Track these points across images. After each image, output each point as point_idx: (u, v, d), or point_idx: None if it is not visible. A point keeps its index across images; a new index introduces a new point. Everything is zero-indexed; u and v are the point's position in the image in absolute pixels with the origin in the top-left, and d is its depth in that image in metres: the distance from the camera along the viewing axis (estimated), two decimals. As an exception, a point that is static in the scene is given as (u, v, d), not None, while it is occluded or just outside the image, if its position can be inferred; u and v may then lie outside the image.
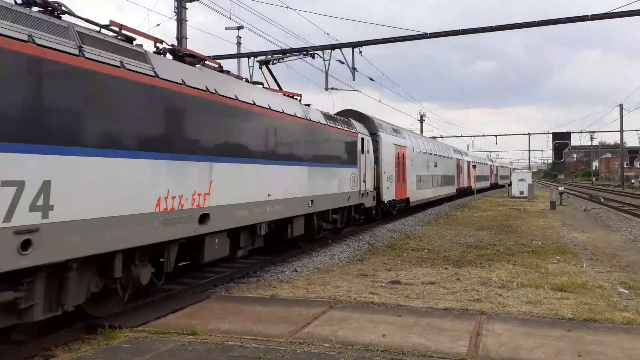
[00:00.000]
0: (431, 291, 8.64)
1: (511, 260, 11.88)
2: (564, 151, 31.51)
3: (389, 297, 8.16)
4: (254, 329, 6.36)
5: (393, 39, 19.05)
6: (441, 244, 14.89)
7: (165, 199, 7.22)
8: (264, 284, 9.58)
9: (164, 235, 7.24)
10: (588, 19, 16.39)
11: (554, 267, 10.85)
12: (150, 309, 7.62)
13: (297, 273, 10.72)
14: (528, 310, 7.30)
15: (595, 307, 7.41)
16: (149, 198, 6.93)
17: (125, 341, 5.97)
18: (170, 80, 7.44)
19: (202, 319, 6.90)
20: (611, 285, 9.07)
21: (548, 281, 9.25)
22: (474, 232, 17.88)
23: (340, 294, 8.33)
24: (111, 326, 6.46)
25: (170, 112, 7.47)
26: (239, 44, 22.67)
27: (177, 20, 16.97)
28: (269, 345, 5.74)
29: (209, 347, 5.72)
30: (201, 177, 8.06)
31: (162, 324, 6.71)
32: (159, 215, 7.08)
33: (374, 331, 6.25)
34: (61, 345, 6.29)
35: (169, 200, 7.28)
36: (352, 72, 20.22)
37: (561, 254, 12.61)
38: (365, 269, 10.97)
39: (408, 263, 11.73)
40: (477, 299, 7.97)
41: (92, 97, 6.10)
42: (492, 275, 9.97)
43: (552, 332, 6.20)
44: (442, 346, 5.70)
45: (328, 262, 12.10)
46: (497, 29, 17.38)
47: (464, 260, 11.92)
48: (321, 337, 5.99)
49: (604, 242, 15.24)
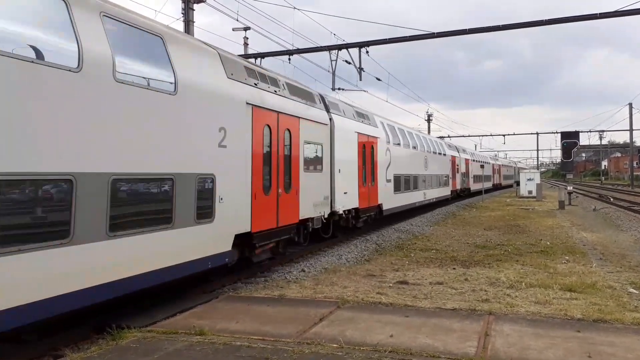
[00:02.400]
0: (439, 291, 8.61)
1: (520, 260, 11.82)
2: (572, 150, 31.22)
3: (397, 297, 8.14)
4: (261, 329, 6.37)
5: (400, 39, 19.04)
6: (449, 244, 14.84)
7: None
8: (272, 284, 9.60)
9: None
10: (597, 17, 16.29)
11: (563, 267, 10.77)
12: (158, 308, 7.65)
13: (304, 273, 10.72)
14: (537, 310, 7.25)
15: (605, 308, 7.35)
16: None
17: (134, 341, 5.99)
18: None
19: (210, 319, 6.92)
20: (621, 286, 9.00)
21: (557, 281, 9.19)
22: (482, 232, 17.80)
23: (348, 294, 8.32)
24: (119, 326, 6.49)
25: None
26: (246, 45, 22.70)
27: (185, 21, 17.02)
28: (277, 346, 5.74)
29: (216, 347, 5.73)
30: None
31: (170, 324, 6.73)
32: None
33: (381, 332, 6.23)
34: (70, 345, 6.33)
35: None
36: (359, 72, 20.23)
37: (570, 254, 12.53)
38: (372, 269, 10.95)
39: (416, 263, 11.70)
40: (485, 300, 7.94)
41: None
42: (500, 275, 9.92)
43: (562, 333, 6.16)
44: (451, 347, 5.67)
45: (335, 263, 12.10)
46: (504, 28, 17.33)
47: (472, 261, 11.87)
48: (329, 338, 5.99)
49: (614, 242, 15.11)
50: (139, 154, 6.79)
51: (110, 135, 6.32)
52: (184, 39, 8.58)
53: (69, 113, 5.79)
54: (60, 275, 5.60)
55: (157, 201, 7.22)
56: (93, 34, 6.19)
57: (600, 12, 16.10)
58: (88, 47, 6.02)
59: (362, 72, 20.12)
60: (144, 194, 6.99)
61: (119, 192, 6.45)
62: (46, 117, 5.53)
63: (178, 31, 8.91)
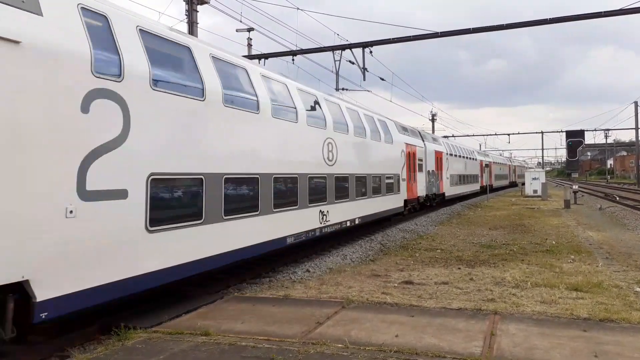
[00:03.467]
0: (444, 291, 8.59)
1: (525, 259, 11.78)
2: (578, 149, 31.10)
3: (402, 297, 8.13)
4: (267, 330, 6.38)
5: (404, 39, 19.02)
6: (454, 244, 14.81)
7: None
8: (277, 284, 9.61)
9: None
10: (601, 16, 16.22)
11: (569, 267, 10.73)
12: (164, 309, 7.68)
13: (309, 273, 10.73)
14: (543, 310, 7.23)
15: (612, 307, 7.32)
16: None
17: (140, 342, 6.02)
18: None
19: (215, 319, 6.93)
20: (627, 285, 8.95)
21: (563, 281, 9.15)
22: (487, 232, 17.75)
23: (353, 294, 8.31)
24: (126, 327, 6.51)
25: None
26: (249, 46, 22.74)
27: (188, 23, 17.06)
28: (282, 346, 5.74)
29: (222, 347, 5.74)
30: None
31: (176, 325, 6.76)
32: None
33: (386, 331, 6.23)
34: (76, 346, 6.36)
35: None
36: (363, 72, 20.22)
37: (576, 253, 12.47)
38: (377, 269, 10.94)
39: (421, 263, 11.68)
40: (490, 299, 7.92)
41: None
42: (505, 275, 9.89)
43: (568, 333, 6.13)
44: (456, 347, 5.66)
45: (340, 263, 12.10)
46: (508, 27, 17.29)
47: (477, 260, 11.84)
48: (334, 338, 5.99)
49: (620, 241, 15.04)
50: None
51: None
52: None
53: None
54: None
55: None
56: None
57: (604, 11, 16.04)
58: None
59: (365, 72, 20.12)
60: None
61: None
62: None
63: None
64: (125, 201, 6.47)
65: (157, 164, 7.04)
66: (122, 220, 6.41)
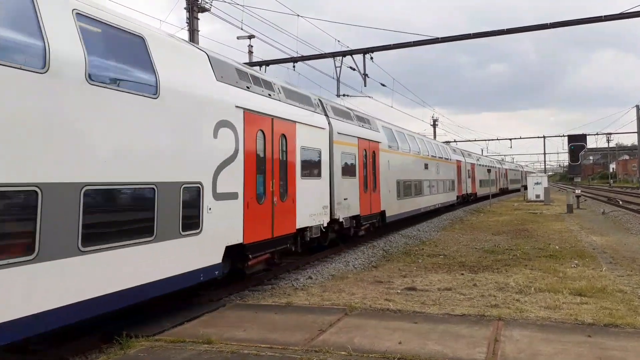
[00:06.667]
0: (447, 297, 8.55)
1: (528, 265, 11.72)
2: (580, 154, 31.04)
3: (405, 303, 8.10)
4: (269, 337, 6.35)
5: (404, 44, 19.05)
6: (457, 250, 14.75)
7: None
8: (279, 291, 9.57)
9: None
10: (602, 20, 16.23)
11: (573, 272, 10.67)
12: (166, 317, 7.65)
13: (311, 280, 10.69)
14: (547, 315, 7.18)
15: (616, 312, 7.27)
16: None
17: (142, 350, 5.99)
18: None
19: (217, 327, 6.90)
20: (632, 289, 8.90)
21: (567, 286, 9.10)
22: (490, 237, 17.69)
23: (356, 301, 8.28)
24: (128, 335, 6.48)
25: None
26: (250, 53, 22.81)
27: (189, 30, 17.14)
28: (285, 354, 5.71)
29: (224, 355, 5.71)
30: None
31: (178, 333, 6.73)
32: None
33: (390, 338, 6.19)
34: (79, 355, 6.34)
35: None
36: (364, 78, 20.23)
37: (579, 258, 12.41)
38: (380, 275, 10.90)
39: (423, 269, 11.64)
40: (494, 305, 7.87)
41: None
42: (509, 280, 9.84)
43: (572, 338, 6.09)
44: (460, 353, 5.63)
45: (342, 269, 12.06)
46: (509, 32, 17.30)
47: (481, 266, 11.79)
48: (337, 345, 5.95)
49: (624, 246, 14.96)
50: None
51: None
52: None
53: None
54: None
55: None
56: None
57: (605, 15, 16.05)
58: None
59: (366, 78, 20.14)
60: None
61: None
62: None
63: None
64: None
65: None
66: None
